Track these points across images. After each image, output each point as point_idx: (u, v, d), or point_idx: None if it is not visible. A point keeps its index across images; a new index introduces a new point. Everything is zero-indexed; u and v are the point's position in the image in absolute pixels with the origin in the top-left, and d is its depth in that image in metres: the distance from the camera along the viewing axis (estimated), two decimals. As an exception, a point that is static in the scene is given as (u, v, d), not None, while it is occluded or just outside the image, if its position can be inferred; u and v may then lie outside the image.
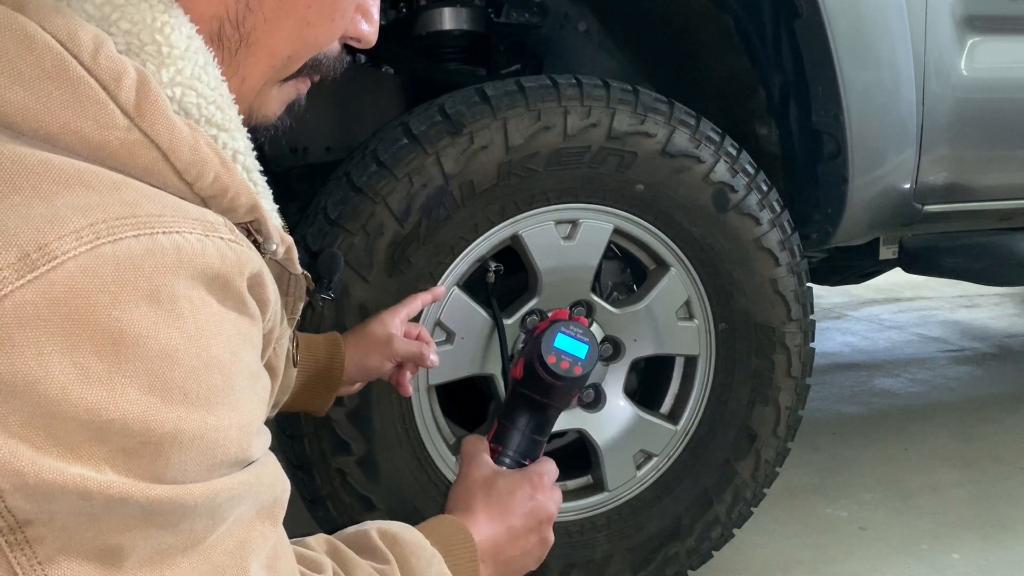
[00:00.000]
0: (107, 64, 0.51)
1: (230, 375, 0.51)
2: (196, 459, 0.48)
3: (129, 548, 0.47)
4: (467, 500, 0.90)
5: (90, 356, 0.44)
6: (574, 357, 0.98)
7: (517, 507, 0.89)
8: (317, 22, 0.64)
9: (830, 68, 1.46)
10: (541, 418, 1.01)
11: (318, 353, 1.14)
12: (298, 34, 0.63)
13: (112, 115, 0.50)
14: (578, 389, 1.01)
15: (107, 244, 0.46)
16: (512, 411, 1.01)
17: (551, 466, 0.97)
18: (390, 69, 1.73)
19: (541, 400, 1.00)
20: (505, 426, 1.01)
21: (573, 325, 1.00)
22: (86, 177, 0.48)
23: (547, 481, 0.94)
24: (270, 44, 0.63)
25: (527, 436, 1.00)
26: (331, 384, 1.15)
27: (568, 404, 1.02)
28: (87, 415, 0.44)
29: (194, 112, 0.56)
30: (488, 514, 0.88)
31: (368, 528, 0.76)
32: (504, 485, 0.91)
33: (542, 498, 0.91)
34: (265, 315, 0.58)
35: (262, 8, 0.61)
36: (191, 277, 0.49)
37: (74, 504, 0.44)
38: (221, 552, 0.51)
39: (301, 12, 0.63)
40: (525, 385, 1.00)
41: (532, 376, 0.99)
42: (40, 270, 0.44)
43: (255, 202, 0.58)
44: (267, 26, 0.62)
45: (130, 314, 0.46)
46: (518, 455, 0.99)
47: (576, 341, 0.98)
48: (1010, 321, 3.76)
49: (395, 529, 0.77)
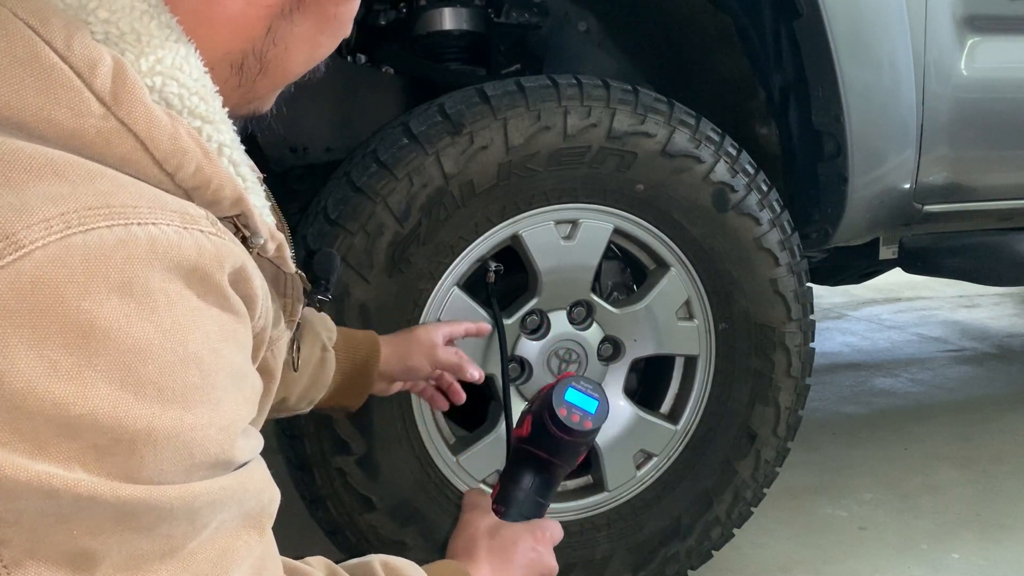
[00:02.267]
0: (81, 51, 0.50)
1: (209, 373, 0.49)
2: (172, 459, 0.46)
3: (102, 553, 0.45)
4: (470, 548, 0.90)
5: (58, 349, 0.43)
6: (584, 412, 0.97)
7: (520, 558, 0.89)
8: (326, 41, 0.65)
9: (830, 68, 1.46)
10: (546, 478, 1.00)
11: (356, 353, 1.16)
12: (309, 55, 0.65)
13: (87, 102, 0.49)
14: (585, 447, 1.00)
15: (78, 234, 0.44)
16: (516, 471, 1.00)
17: (556, 525, 0.96)
18: (390, 69, 1.73)
19: (548, 458, 0.99)
20: (508, 487, 1.00)
21: (584, 380, 1.00)
22: (59, 166, 0.47)
23: (550, 536, 0.94)
24: (284, 68, 0.64)
25: (531, 497, 0.99)
26: (364, 383, 1.17)
27: (574, 464, 1.01)
28: (54, 410, 0.43)
29: (176, 102, 0.55)
30: (491, 563, 0.88)
31: (372, 560, 0.75)
32: (508, 535, 0.91)
33: (544, 551, 0.92)
34: (253, 312, 0.56)
35: (284, 40, 0.62)
36: (167, 270, 0.47)
37: (41, 503, 0.42)
38: (202, 560, 0.49)
39: (316, 38, 0.64)
40: (532, 442, 0.99)
41: (541, 431, 0.98)
42: (6, 260, 0.42)
43: (240, 195, 0.56)
44: (286, 54, 0.63)
45: (100, 306, 0.44)
46: (521, 517, 0.98)
47: (587, 396, 0.98)
48: (1010, 321, 3.76)
49: (398, 564, 0.76)
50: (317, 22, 0.63)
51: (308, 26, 0.63)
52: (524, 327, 1.38)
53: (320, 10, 0.63)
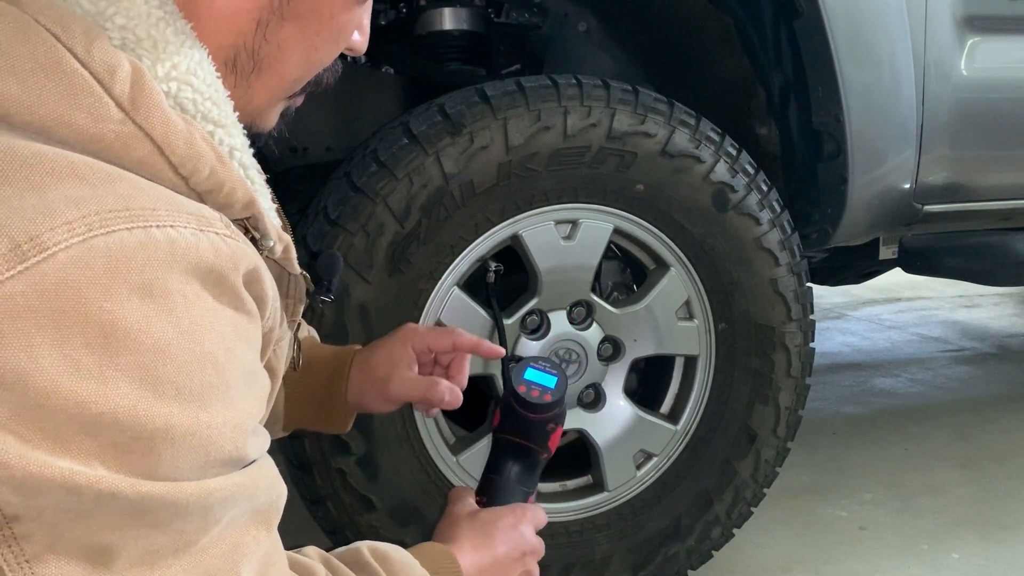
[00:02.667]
0: (101, 57, 0.51)
1: (224, 372, 0.50)
2: (189, 456, 0.47)
3: (120, 548, 0.46)
4: (452, 530, 0.91)
5: (80, 349, 0.44)
6: (544, 387, 1.01)
7: (500, 535, 0.90)
8: (323, 45, 0.66)
9: (830, 68, 1.46)
10: (525, 465, 1.03)
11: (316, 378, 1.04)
12: (306, 58, 0.65)
13: (106, 107, 0.50)
14: (554, 424, 1.02)
15: (99, 236, 0.45)
16: (495, 461, 1.03)
17: (538, 509, 0.98)
18: (390, 69, 1.73)
19: (520, 442, 1.02)
20: (489, 477, 1.03)
21: (542, 360, 1.05)
22: (79, 169, 0.48)
23: (531, 516, 0.95)
24: (280, 69, 0.64)
25: (512, 485, 1.01)
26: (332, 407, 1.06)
27: (546, 445, 1.03)
28: (77, 408, 0.44)
29: (190, 107, 0.56)
30: (472, 542, 0.89)
31: (359, 546, 0.77)
32: (488, 517, 0.93)
33: (525, 530, 0.92)
34: (264, 313, 0.57)
35: (276, 38, 0.62)
36: (185, 271, 0.48)
37: (63, 499, 0.43)
38: (214, 555, 0.51)
39: (311, 39, 0.64)
40: (503, 429, 1.03)
41: (508, 415, 1.02)
42: (31, 261, 0.44)
43: (251, 198, 0.58)
44: (279, 53, 0.63)
45: (121, 307, 0.45)
46: (503, 505, 0.99)
47: (545, 373, 1.02)
48: (1010, 321, 3.76)
49: (386, 548, 0.78)
50: (311, 22, 0.63)
51: (301, 25, 0.63)
52: (524, 327, 1.38)
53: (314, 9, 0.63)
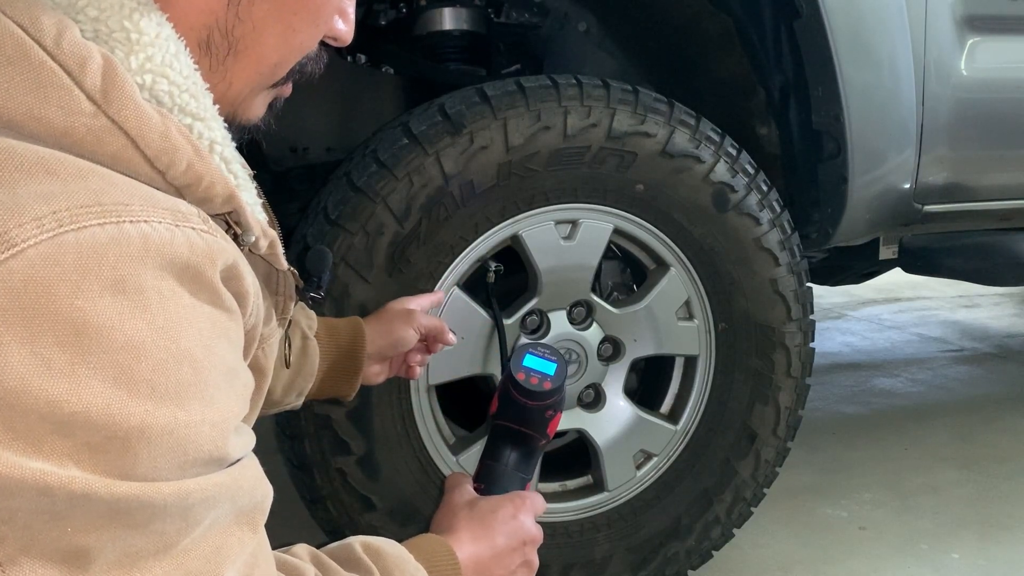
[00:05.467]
0: (71, 49, 0.50)
1: (202, 369, 0.49)
2: (167, 456, 0.46)
3: (96, 550, 0.45)
4: (449, 520, 0.90)
5: (51, 347, 0.43)
6: (543, 374, 1.00)
7: (499, 525, 0.89)
8: (302, 27, 0.64)
9: (830, 68, 1.46)
10: (523, 451, 1.02)
11: (340, 339, 1.14)
12: (284, 40, 0.64)
13: (77, 101, 0.49)
14: (552, 411, 1.02)
15: (70, 232, 0.44)
16: (493, 447, 1.03)
17: (537, 496, 0.96)
18: (390, 69, 1.73)
19: (518, 429, 1.01)
20: (487, 464, 1.02)
21: (541, 346, 1.04)
22: (50, 164, 0.47)
23: (530, 504, 0.93)
24: (257, 51, 0.62)
25: (510, 472, 1.01)
26: (354, 368, 1.15)
27: (545, 432, 1.03)
28: (48, 408, 0.43)
29: (166, 100, 0.55)
30: (471, 533, 0.87)
31: (351, 541, 0.76)
32: (486, 505, 0.91)
33: (524, 519, 0.91)
34: (245, 309, 0.56)
35: (251, 17, 0.61)
36: (159, 267, 0.47)
37: (35, 501, 0.43)
38: (195, 557, 0.49)
39: (287, 19, 0.63)
40: (501, 416, 1.02)
41: (506, 401, 1.01)
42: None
43: (231, 192, 0.56)
44: (255, 34, 0.61)
45: (93, 304, 0.44)
46: (501, 492, 0.98)
47: (544, 360, 1.01)
48: (1010, 321, 3.76)
49: (378, 543, 0.77)
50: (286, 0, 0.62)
51: (275, 3, 0.62)
52: (524, 327, 1.38)
53: None
